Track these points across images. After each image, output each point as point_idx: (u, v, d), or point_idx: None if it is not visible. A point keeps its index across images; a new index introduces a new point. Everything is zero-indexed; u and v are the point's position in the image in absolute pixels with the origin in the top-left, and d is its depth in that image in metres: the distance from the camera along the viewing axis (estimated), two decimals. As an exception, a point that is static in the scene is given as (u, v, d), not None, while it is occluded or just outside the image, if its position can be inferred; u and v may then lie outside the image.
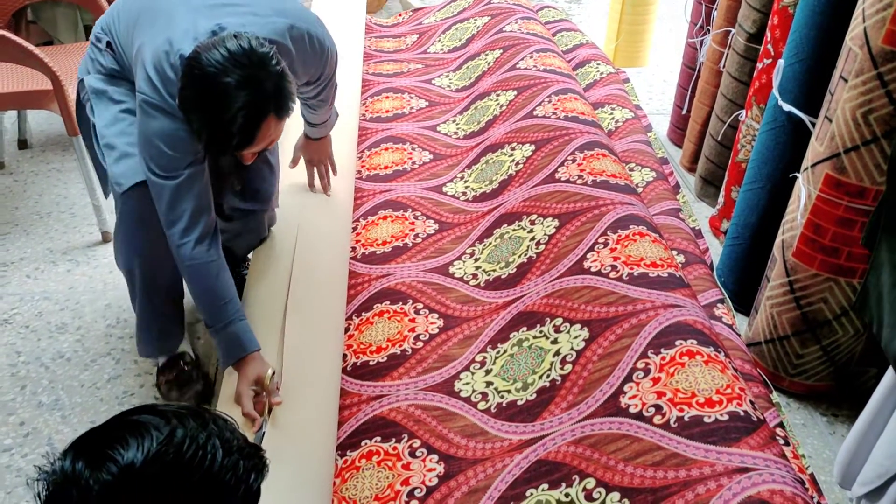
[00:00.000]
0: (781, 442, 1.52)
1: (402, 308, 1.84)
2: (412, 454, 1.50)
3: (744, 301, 2.15)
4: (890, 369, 1.26)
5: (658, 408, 1.34)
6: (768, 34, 2.13)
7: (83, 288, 2.23)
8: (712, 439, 1.26)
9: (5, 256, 2.35)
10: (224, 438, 0.78)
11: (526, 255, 1.86)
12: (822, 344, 1.83)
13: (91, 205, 2.40)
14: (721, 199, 2.45)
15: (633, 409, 1.37)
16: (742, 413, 1.30)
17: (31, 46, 2.15)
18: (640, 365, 1.43)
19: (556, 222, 1.88)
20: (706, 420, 1.29)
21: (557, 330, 1.62)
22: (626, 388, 1.41)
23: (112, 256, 2.32)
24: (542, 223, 1.91)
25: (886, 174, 1.35)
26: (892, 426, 1.04)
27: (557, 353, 1.58)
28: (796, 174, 1.83)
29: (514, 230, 1.95)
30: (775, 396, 1.78)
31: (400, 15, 3.74)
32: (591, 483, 1.31)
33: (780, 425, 1.67)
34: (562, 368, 1.54)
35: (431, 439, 1.52)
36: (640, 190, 2.22)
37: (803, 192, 1.75)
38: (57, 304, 2.17)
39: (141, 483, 0.71)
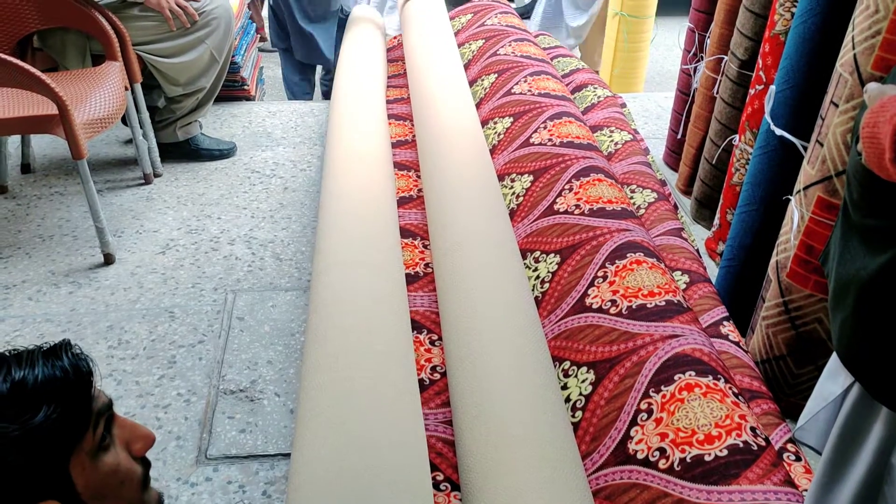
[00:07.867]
0: (793, 458, 1.54)
1: (417, 337, 1.86)
2: (437, 486, 1.51)
3: (740, 322, 2.17)
4: None
5: (662, 451, 1.36)
6: (760, 61, 2.17)
7: (85, 310, 2.25)
8: (713, 479, 1.28)
9: (7, 279, 2.37)
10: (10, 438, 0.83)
11: (532, 294, 1.88)
12: (817, 364, 1.85)
13: (94, 227, 2.42)
14: (717, 221, 2.49)
15: (640, 455, 1.39)
16: (741, 444, 1.32)
17: (37, 72, 2.17)
18: (644, 406, 1.45)
19: (558, 258, 1.91)
20: (706, 459, 1.31)
21: (566, 374, 1.64)
22: (632, 432, 1.43)
23: (115, 278, 2.35)
24: (545, 260, 1.93)
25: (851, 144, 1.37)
26: (828, 366, 1.07)
27: (568, 400, 1.60)
28: (789, 196, 1.86)
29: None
30: (784, 412, 1.80)
31: (395, 38, 3.79)
32: None
33: (792, 441, 1.69)
34: (573, 416, 1.57)
35: (450, 471, 1.55)
36: (642, 211, 2.25)
37: (796, 214, 1.78)
38: (59, 325, 2.19)
39: None
